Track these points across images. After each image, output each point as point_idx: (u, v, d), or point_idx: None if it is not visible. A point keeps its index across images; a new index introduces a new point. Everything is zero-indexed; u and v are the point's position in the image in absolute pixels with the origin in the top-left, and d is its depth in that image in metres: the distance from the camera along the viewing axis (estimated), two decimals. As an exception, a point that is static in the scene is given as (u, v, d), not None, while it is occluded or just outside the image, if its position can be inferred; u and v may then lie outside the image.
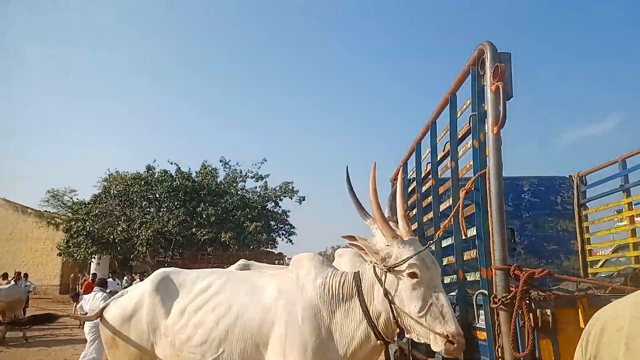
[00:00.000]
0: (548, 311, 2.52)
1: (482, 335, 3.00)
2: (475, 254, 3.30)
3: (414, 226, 4.68)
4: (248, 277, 3.68)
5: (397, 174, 6.12)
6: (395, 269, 2.91)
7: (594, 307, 2.59)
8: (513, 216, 6.43)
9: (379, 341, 3.03)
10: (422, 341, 2.83)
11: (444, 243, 3.97)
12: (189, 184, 24.33)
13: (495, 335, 2.72)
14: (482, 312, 2.97)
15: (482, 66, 3.07)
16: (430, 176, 4.28)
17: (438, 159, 4.14)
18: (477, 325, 3.12)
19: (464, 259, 3.47)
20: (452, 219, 3.51)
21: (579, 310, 2.57)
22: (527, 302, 2.56)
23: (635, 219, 5.70)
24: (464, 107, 3.54)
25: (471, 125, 3.18)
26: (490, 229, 2.76)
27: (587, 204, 6.29)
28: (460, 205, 3.14)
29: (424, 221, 4.55)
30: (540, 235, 6.39)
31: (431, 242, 3.27)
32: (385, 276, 2.96)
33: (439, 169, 4.08)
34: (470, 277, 3.34)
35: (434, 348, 2.74)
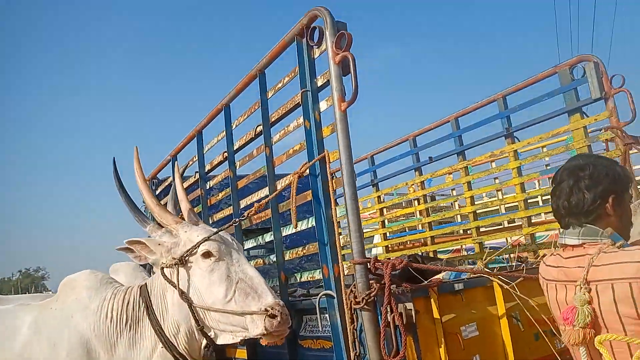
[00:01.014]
0: (410, 305, 2.29)
1: (327, 344, 2.61)
2: (302, 251, 2.91)
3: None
4: None
5: (160, 170, 5.29)
6: (186, 257, 2.40)
7: (444, 294, 2.50)
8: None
9: None
10: (239, 337, 2.35)
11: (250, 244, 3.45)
12: None
13: (352, 342, 2.36)
14: (326, 316, 2.58)
15: (315, 36, 2.70)
16: (227, 168, 3.69)
17: (238, 146, 3.60)
18: (320, 334, 2.72)
19: (286, 258, 3.03)
20: (268, 212, 3.04)
21: (432, 300, 2.44)
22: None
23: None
24: (280, 85, 3.11)
25: (302, 103, 2.76)
26: (346, 219, 2.38)
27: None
28: (293, 194, 2.68)
29: (216, 220, 3.92)
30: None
31: (232, 223, 2.72)
32: (178, 272, 2.40)
33: (243, 157, 3.54)
34: (303, 277, 2.91)
35: (253, 333, 2.24)
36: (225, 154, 3.73)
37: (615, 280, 1.49)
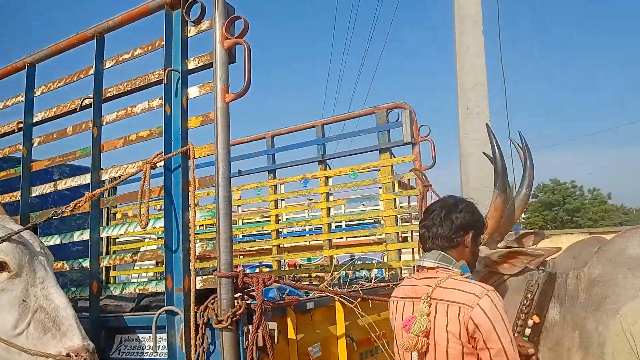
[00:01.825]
0: (273, 325, 2.11)
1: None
2: (132, 257, 2.43)
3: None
4: None
5: None
6: None
7: (298, 313, 2.39)
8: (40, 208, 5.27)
9: None
10: None
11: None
12: None
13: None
14: (164, 336, 2.18)
15: (195, 12, 2.36)
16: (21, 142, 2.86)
17: (43, 118, 2.85)
18: (143, 357, 2.27)
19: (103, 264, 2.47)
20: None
21: (289, 319, 2.31)
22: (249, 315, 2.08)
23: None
24: (127, 56, 2.60)
25: (167, 83, 2.34)
26: (217, 226, 2.07)
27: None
28: (147, 189, 2.22)
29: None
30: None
31: (51, 217, 2.18)
32: None
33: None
34: (127, 288, 2.39)
35: None
36: (21, 125, 2.90)
37: (451, 302, 1.71)
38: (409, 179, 4.21)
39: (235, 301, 2.05)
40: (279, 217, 4.93)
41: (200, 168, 2.49)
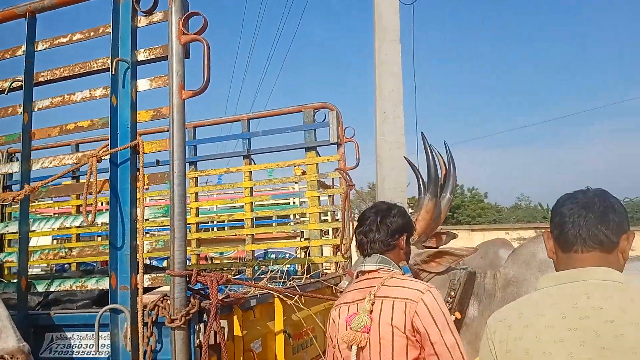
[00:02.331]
0: (224, 322, 2.15)
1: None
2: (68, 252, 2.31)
3: None
4: None
5: None
6: None
7: (244, 310, 2.43)
8: None
9: None
10: None
11: None
12: None
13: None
14: (107, 334, 2.11)
15: (145, 1, 2.29)
16: None
17: None
18: (78, 356, 2.17)
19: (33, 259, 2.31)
20: None
21: (235, 316, 2.35)
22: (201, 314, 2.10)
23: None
24: (64, 40, 2.45)
25: (114, 74, 2.24)
26: (171, 226, 2.05)
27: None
28: (95, 182, 2.12)
29: None
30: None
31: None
32: None
33: None
34: (62, 285, 2.25)
35: None
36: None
37: (397, 298, 1.87)
38: (333, 178, 4.38)
39: (190, 300, 2.05)
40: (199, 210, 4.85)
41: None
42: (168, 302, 2.05)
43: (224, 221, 5.21)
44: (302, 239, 5.90)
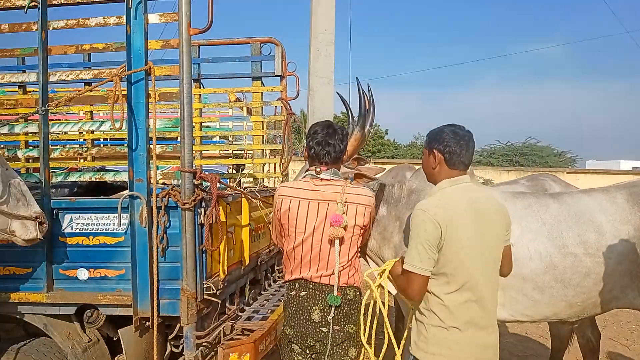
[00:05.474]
0: (221, 208, 2.88)
1: (110, 240, 2.79)
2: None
3: None
4: None
5: None
6: None
7: (226, 203, 3.16)
8: None
9: None
10: None
11: None
12: None
13: (159, 237, 2.72)
14: (125, 215, 2.75)
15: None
16: None
17: None
18: (98, 232, 2.80)
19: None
20: None
21: (221, 207, 3.07)
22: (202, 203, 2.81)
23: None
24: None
25: (129, 7, 2.72)
26: (181, 133, 2.68)
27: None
28: (120, 95, 2.66)
29: None
30: None
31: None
32: None
33: None
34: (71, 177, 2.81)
35: (24, 236, 2.51)
36: None
37: (359, 204, 2.50)
38: (275, 107, 5.05)
39: (194, 190, 2.75)
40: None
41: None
42: (178, 190, 2.72)
43: (175, 138, 5.67)
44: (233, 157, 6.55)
